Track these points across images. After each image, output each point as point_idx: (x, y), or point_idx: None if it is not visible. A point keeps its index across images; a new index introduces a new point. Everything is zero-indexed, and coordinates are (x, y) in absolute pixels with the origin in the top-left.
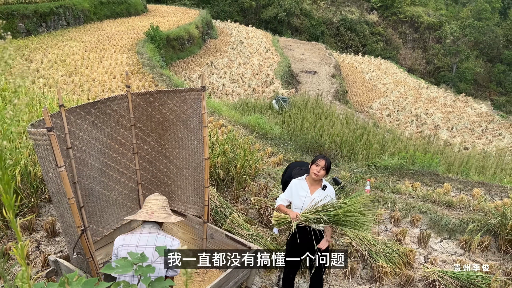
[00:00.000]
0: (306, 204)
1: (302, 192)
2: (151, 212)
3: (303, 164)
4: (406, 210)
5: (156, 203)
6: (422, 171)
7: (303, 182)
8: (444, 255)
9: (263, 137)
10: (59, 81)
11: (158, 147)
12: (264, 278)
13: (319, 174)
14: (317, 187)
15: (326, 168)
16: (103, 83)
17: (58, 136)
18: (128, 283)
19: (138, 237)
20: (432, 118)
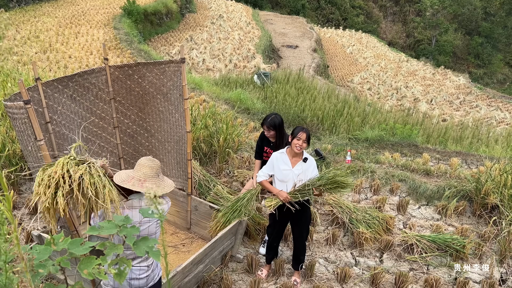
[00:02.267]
0: (288, 178)
1: (283, 166)
2: (144, 180)
3: None
4: (386, 178)
5: (149, 170)
6: (402, 142)
7: (284, 156)
8: (422, 220)
9: (245, 112)
10: (33, 58)
11: (139, 120)
12: (248, 247)
13: (302, 147)
14: (299, 160)
15: (307, 141)
16: (80, 59)
17: (35, 110)
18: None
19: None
20: (412, 91)
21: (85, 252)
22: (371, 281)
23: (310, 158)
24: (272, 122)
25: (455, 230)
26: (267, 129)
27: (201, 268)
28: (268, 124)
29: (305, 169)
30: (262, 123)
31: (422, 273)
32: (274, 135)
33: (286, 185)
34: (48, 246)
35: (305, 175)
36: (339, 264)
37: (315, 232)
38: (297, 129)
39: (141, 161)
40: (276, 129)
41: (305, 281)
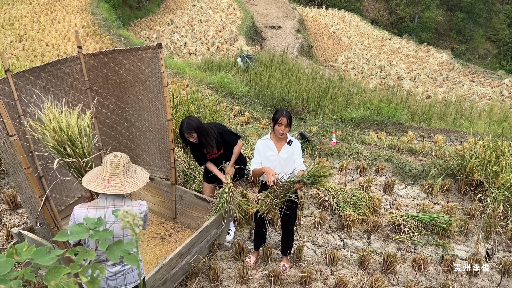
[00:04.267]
0: (276, 163)
1: (270, 152)
2: (108, 179)
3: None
4: (372, 159)
5: (114, 168)
6: (387, 121)
7: (269, 142)
8: (408, 200)
9: (230, 96)
10: (8, 46)
11: (117, 110)
12: (236, 234)
13: (284, 132)
14: (283, 143)
15: (289, 124)
16: (58, 47)
17: (7, 104)
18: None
19: (104, 213)
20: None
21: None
22: (360, 263)
23: (294, 140)
24: (190, 126)
25: (441, 208)
26: (189, 135)
27: (188, 258)
28: (187, 130)
29: (291, 152)
30: (180, 134)
31: (409, 252)
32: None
33: (275, 170)
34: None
35: (291, 158)
36: (327, 247)
37: (302, 216)
38: (278, 113)
39: (105, 158)
40: (196, 130)
41: (294, 266)
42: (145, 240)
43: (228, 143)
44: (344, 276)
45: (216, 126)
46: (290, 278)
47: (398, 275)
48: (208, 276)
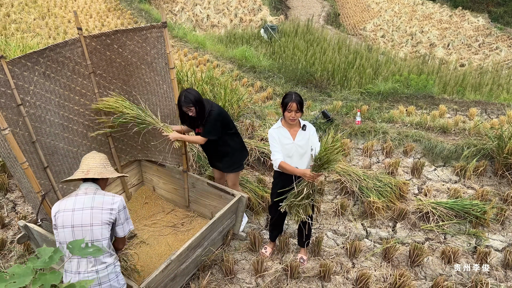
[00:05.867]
0: (292, 151)
1: (285, 140)
2: (87, 171)
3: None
4: (399, 139)
5: (92, 161)
6: (417, 94)
7: (282, 130)
8: (438, 183)
9: (251, 71)
10: (32, 25)
11: (124, 94)
12: (252, 222)
13: (295, 118)
14: (297, 129)
15: (300, 109)
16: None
17: (3, 93)
18: None
19: (73, 200)
20: (428, 36)
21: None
22: (384, 255)
23: (308, 124)
24: (187, 99)
25: (474, 193)
26: (188, 109)
27: (200, 252)
28: (185, 103)
29: (307, 138)
30: (178, 107)
31: (438, 242)
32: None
33: (293, 159)
34: None
35: (308, 144)
36: (348, 236)
37: (323, 202)
38: (286, 98)
39: (85, 156)
40: (195, 103)
41: (312, 258)
42: (157, 229)
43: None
44: (367, 269)
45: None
46: (308, 271)
47: (426, 268)
48: (221, 269)
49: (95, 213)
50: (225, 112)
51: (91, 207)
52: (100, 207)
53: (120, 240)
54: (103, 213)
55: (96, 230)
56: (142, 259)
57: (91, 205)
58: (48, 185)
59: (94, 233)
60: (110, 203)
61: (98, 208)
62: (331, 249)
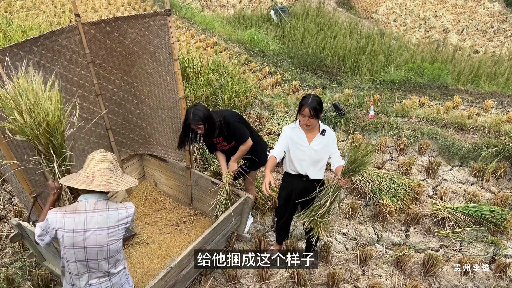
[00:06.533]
0: (306, 155)
1: (300, 142)
2: (92, 177)
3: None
4: (414, 136)
5: (100, 164)
6: (430, 84)
7: (298, 131)
8: (454, 185)
9: (260, 55)
10: (37, 2)
11: (125, 86)
12: (258, 222)
13: (309, 124)
14: (315, 133)
15: (315, 114)
16: (85, 1)
17: None
18: None
19: (83, 219)
20: (441, 21)
21: None
22: (396, 263)
23: (328, 129)
24: (197, 117)
25: (493, 196)
26: (197, 127)
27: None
28: (194, 121)
29: (325, 144)
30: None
31: (454, 250)
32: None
33: (304, 163)
34: None
35: (325, 151)
36: (359, 240)
37: None
38: (302, 101)
39: (90, 154)
40: (204, 120)
41: (320, 264)
42: (158, 227)
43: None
44: (378, 277)
45: (229, 116)
46: (315, 278)
47: (440, 278)
48: (224, 273)
49: (112, 232)
50: (236, 112)
51: (107, 227)
52: (116, 225)
53: None
54: (119, 230)
55: (113, 246)
56: (141, 261)
57: (107, 225)
58: (43, 181)
59: (111, 250)
60: (125, 216)
61: (114, 227)
62: (340, 254)
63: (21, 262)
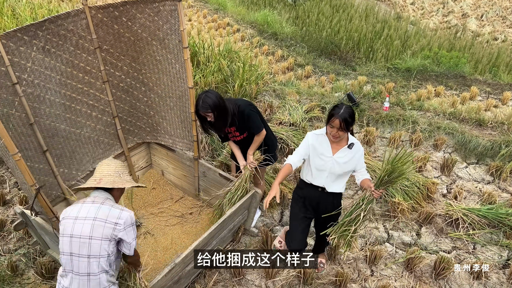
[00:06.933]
0: (327, 166)
1: (323, 151)
2: (99, 179)
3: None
4: (429, 131)
5: (106, 168)
6: (447, 73)
7: (324, 139)
8: (470, 183)
9: (273, 37)
10: None
11: (133, 72)
12: (265, 216)
13: (338, 137)
14: (342, 145)
15: (345, 126)
16: None
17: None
18: None
19: (79, 207)
20: (460, 5)
21: None
22: (406, 264)
23: (357, 143)
24: (206, 105)
25: (510, 197)
26: (205, 114)
27: None
28: (202, 108)
29: (350, 158)
30: (196, 111)
31: (466, 252)
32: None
33: (323, 174)
34: None
35: (349, 165)
36: (368, 239)
37: (343, 198)
38: (333, 110)
39: (100, 162)
40: (213, 109)
41: (328, 262)
42: (164, 218)
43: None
44: (387, 278)
45: (243, 105)
46: (323, 277)
47: (452, 281)
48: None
49: (97, 225)
50: (250, 101)
51: (94, 218)
52: (103, 219)
53: (131, 257)
54: (105, 227)
55: (95, 244)
56: (146, 253)
57: (95, 216)
58: (47, 170)
59: (92, 248)
60: (115, 217)
61: (101, 220)
62: (349, 252)
63: (25, 249)
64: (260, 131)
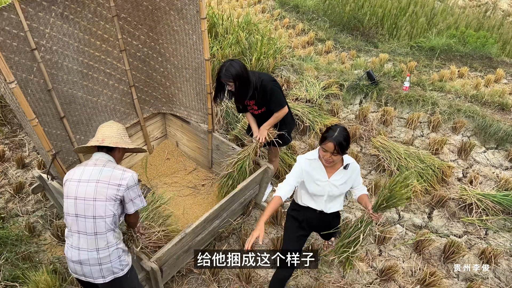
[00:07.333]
0: (325, 191)
1: (318, 177)
2: (102, 139)
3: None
4: (449, 113)
5: (109, 129)
6: (473, 54)
7: (317, 164)
8: (487, 168)
9: (294, 10)
10: None
11: (150, 42)
12: None
13: (331, 161)
14: (337, 167)
15: (339, 151)
16: None
17: (16, 35)
18: None
19: (81, 170)
20: None
21: None
22: (415, 246)
23: (352, 163)
24: (228, 73)
25: None
26: (227, 82)
27: (218, 223)
28: (225, 77)
29: (347, 178)
30: (218, 77)
31: (478, 238)
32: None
33: (321, 199)
34: None
35: (346, 186)
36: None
37: None
38: (326, 133)
39: (101, 125)
40: (235, 79)
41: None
42: (177, 188)
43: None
44: (395, 259)
45: (266, 80)
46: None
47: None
48: (239, 239)
49: (100, 187)
50: (273, 77)
51: (97, 180)
52: (106, 181)
53: (131, 216)
54: (109, 188)
55: (99, 206)
56: (158, 222)
57: (97, 178)
58: (64, 136)
59: (97, 209)
60: (118, 178)
61: (104, 182)
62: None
63: (43, 212)
64: (280, 109)
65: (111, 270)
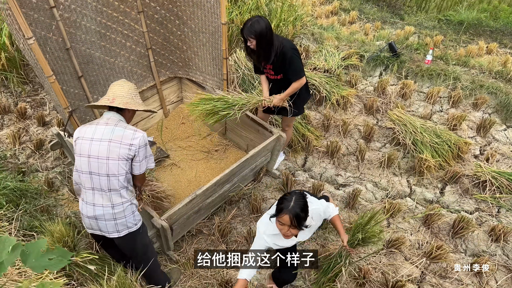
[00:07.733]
0: (293, 242)
1: (280, 243)
2: (112, 98)
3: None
4: (471, 89)
5: (120, 88)
6: (504, 30)
7: (273, 228)
8: (505, 147)
9: None
10: None
11: (168, 4)
12: (289, 160)
13: (289, 235)
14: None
15: (296, 224)
16: None
17: None
18: None
19: (93, 129)
20: None
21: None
22: (424, 220)
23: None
24: (252, 29)
25: None
26: (248, 38)
27: (228, 187)
28: (248, 32)
29: (313, 225)
30: (242, 30)
31: (489, 215)
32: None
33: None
34: None
35: (315, 227)
36: (390, 192)
37: (369, 149)
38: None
39: (112, 83)
40: (257, 37)
41: (346, 209)
42: (190, 152)
43: (287, 73)
44: (403, 231)
45: (287, 47)
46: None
47: (469, 241)
48: (248, 203)
49: (113, 146)
50: (295, 45)
51: (109, 140)
52: (118, 141)
53: (137, 177)
54: (121, 148)
55: (112, 164)
56: (170, 183)
57: (110, 138)
58: (82, 95)
59: (110, 167)
60: (130, 138)
61: (116, 142)
62: (368, 203)
63: (61, 168)
64: (298, 79)
65: (126, 225)
